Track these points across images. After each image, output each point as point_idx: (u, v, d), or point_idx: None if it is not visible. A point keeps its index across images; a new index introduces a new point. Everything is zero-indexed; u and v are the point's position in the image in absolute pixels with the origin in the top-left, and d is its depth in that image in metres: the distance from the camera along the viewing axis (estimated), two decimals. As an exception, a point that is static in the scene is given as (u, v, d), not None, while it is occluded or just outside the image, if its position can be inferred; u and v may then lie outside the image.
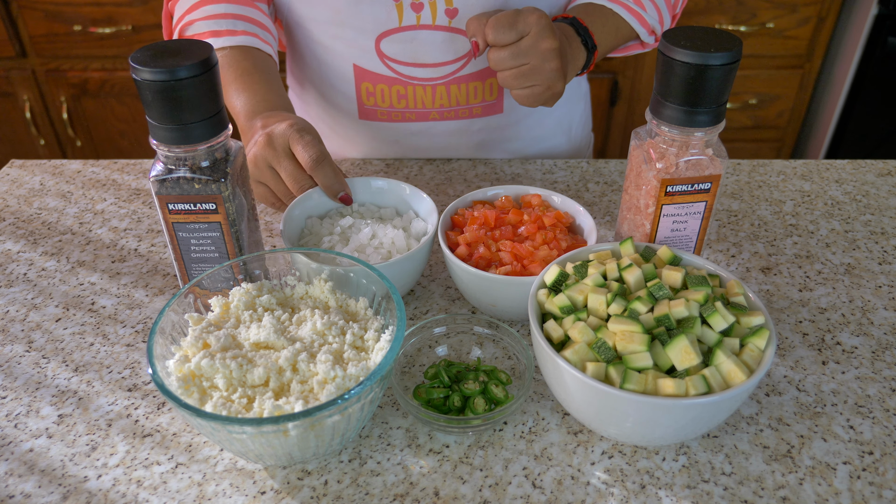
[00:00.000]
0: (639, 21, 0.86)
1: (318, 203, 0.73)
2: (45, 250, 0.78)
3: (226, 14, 0.82)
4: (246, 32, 0.82)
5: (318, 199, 0.73)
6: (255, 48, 0.82)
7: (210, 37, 0.81)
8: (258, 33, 0.83)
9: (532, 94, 0.76)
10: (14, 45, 1.94)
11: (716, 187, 0.61)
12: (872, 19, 1.85)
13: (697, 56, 0.54)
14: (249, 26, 0.83)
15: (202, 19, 0.81)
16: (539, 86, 0.75)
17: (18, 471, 0.54)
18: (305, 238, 0.71)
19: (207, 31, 0.81)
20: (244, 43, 0.82)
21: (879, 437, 0.56)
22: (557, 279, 0.57)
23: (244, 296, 0.58)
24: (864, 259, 0.76)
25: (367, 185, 0.75)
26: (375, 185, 0.75)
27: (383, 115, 0.91)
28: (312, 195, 0.72)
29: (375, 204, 0.75)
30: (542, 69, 0.74)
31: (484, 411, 0.56)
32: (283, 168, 0.71)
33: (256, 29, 0.83)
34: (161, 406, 0.60)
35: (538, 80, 0.75)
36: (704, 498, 0.52)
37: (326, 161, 0.71)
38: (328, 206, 0.74)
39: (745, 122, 2.11)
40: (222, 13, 0.81)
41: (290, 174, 0.71)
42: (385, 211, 0.74)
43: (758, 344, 0.51)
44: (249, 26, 0.83)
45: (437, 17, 0.82)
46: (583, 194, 0.87)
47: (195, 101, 0.54)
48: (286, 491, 0.52)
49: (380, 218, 0.73)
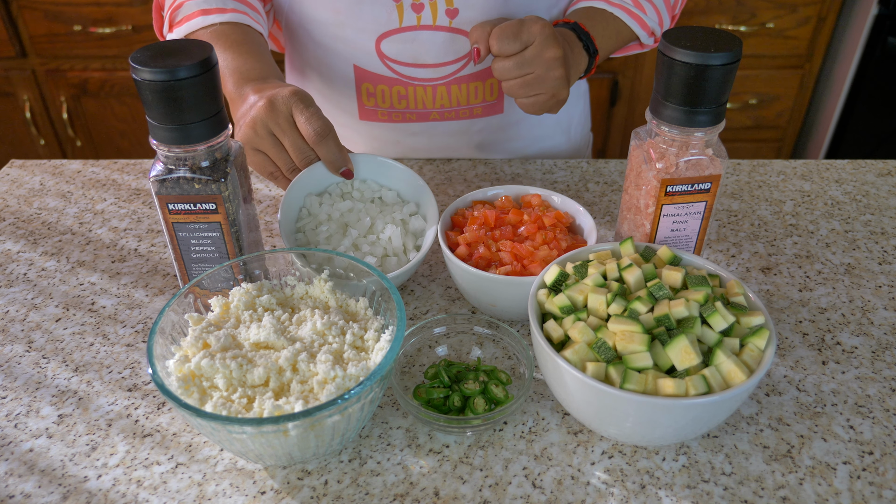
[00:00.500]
0: (639, 24, 0.86)
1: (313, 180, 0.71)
2: (45, 250, 0.78)
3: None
4: (236, 10, 0.80)
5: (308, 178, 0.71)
6: (244, 24, 0.81)
7: (200, 15, 0.79)
8: (248, 12, 0.82)
9: (537, 102, 0.76)
10: (14, 45, 1.94)
11: (716, 187, 0.61)
12: (872, 19, 1.85)
13: (697, 56, 0.54)
14: (239, 5, 0.81)
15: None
16: (544, 94, 0.76)
17: (18, 471, 0.54)
18: (303, 220, 0.70)
19: (197, 9, 0.79)
20: (234, 19, 0.80)
21: (879, 437, 0.56)
22: (557, 279, 0.57)
23: (244, 296, 0.58)
24: (864, 259, 0.76)
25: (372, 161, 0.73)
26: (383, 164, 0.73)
27: (384, 115, 0.91)
28: (303, 177, 0.70)
29: (378, 182, 0.74)
30: (547, 78, 0.74)
31: (484, 411, 0.56)
32: (287, 138, 0.69)
33: (246, 8, 0.82)
34: (161, 406, 0.60)
35: (543, 89, 0.75)
36: (704, 498, 0.52)
37: (331, 135, 0.69)
38: (326, 182, 0.72)
39: (745, 122, 2.11)
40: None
41: (294, 144, 0.69)
42: (387, 193, 0.73)
43: (758, 344, 0.51)
44: (239, 5, 0.81)
45: (438, 17, 0.82)
46: (583, 194, 0.87)
47: (195, 101, 0.54)
48: (286, 491, 0.52)
49: (381, 199, 0.72)
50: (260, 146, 0.70)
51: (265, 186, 0.89)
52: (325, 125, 0.68)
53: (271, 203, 0.86)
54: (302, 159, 0.70)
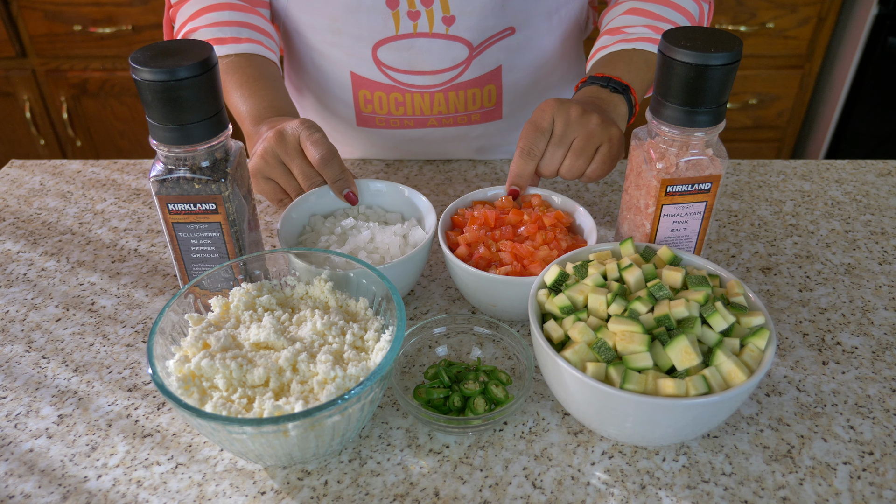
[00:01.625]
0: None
1: (320, 203, 0.73)
2: (45, 250, 0.78)
3: (229, 21, 0.81)
4: (250, 40, 0.82)
5: (315, 202, 0.73)
6: (259, 55, 0.82)
7: (214, 45, 0.80)
8: (262, 41, 0.83)
9: (602, 158, 0.71)
10: (14, 45, 1.94)
11: (716, 187, 0.61)
12: (872, 19, 1.85)
13: (697, 56, 0.54)
14: (253, 34, 0.82)
15: (205, 27, 0.81)
16: (602, 144, 0.71)
17: (18, 471, 0.54)
18: (306, 235, 0.71)
19: (211, 38, 0.81)
20: (248, 50, 0.81)
21: (879, 437, 0.56)
22: (557, 279, 0.57)
23: (244, 296, 0.58)
24: (864, 259, 0.76)
25: (365, 187, 0.75)
26: (374, 187, 0.75)
27: (381, 121, 0.91)
28: (310, 198, 0.72)
29: (383, 207, 0.75)
30: (589, 131, 0.70)
31: (484, 411, 0.56)
32: (295, 164, 0.71)
33: (260, 36, 0.83)
34: (161, 406, 0.60)
35: (596, 142, 0.70)
36: (704, 498, 0.52)
37: (335, 159, 0.71)
38: (332, 206, 0.74)
39: (745, 122, 2.11)
40: (226, 21, 0.81)
41: (301, 170, 0.71)
42: (391, 215, 0.74)
43: (758, 344, 0.51)
44: (253, 34, 0.82)
45: (434, 24, 0.82)
46: (583, 194, 0.87)
47: (195, 101, 0.54)
48: (286, 491, 0.52)
49: (385, 222, 0.73)
50: (270, 174, 0.73)
51: (265, 186, 0.89)
52: (330, 149, 0.71)
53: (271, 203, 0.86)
54: (309, 185, 0.72)
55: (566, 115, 0.70)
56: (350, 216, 0.73)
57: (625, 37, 0.82)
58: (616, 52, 0.82)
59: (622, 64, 0.80)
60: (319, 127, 0.73)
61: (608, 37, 0.83)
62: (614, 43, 0.82)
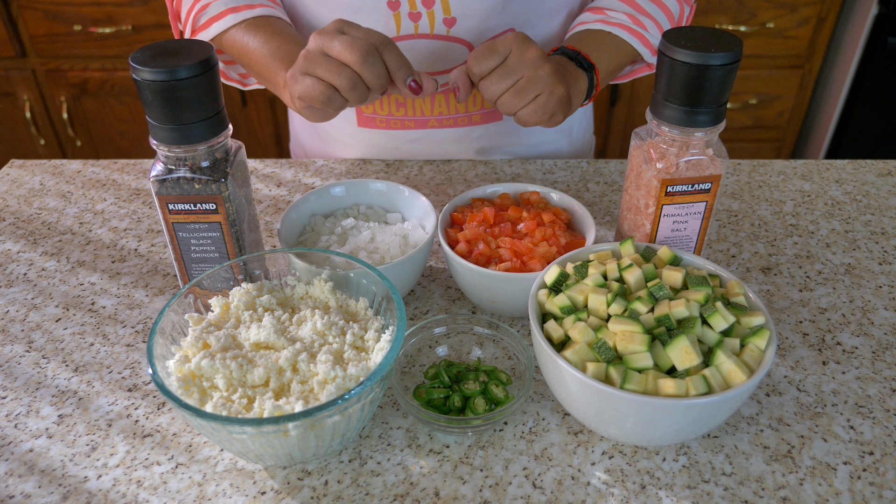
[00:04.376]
0: (640, 41, 0.83)
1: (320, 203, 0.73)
2: (45, 250, 0.78)
3: None
4: (264, 5, 0.81)
5: (315, 202, 0.73)
6: (276, 16, 0.81)
7: (230, 13, 0.79)
8: (275, 7, 0.82)
9: (537, 106, 0.70)
10: (14, 45, 1.94)
11: (716, 187, 0.61)
12: (872, 19, 1.85)
13: (698, 56, 0.54)
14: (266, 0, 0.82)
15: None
16: (541, 94, 0.69)
17: (18, 471, 0.54)
18: (306, 235, 0.71)
19: (225, 8, 0.79)
20: (265, 13, 0.80)
21: (880, 437, 0.56)
22: (558, 279, 0.57)
23: (244, 296, 0.58)
24: (865, 259, 0.76)
25: (365, 187, 0.75)
26: (374, 187, 0.75)
27: (382, 122, 0.91)
28: (310, 198, 0.72)
29: (383, 207, 0.75)
30: (537, 77, 0.69)
31: (484, 411, 0.56)
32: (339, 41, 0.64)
33: (272, 3, 0.82)
34: (161, 406, 0.60)
35: (538, 89, 0.69)
36: (705, 498, 0.52)
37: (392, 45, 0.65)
38: (334, 206, 0.74)
39: (745, 122, 2.11)
40: None
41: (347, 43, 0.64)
42: (391, 215, 0.74)
43: (758, 344, 0.51)
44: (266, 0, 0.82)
45: (436, 26, 0.82)
46: (583, 194, 0.87)
47: (195, 101, 0.54)
48: (286, 491, 0.52)
49: (385, 222, 0.73)
50: (312, 70, 0.65)
51: (265, 186, 0.89)
52: (384, 36, 0.66)
53: (271, 203, 0.86)
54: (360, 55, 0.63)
55: (523, 52, 0.69)
56: (350, 216, 0.73)
57: (605, 18, 0.83)
58: (592, 30, 0.83)
59: (593, 44, 0.81)
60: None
61: (590, 14, 0.84)
62: (593, 22, 0.83)
